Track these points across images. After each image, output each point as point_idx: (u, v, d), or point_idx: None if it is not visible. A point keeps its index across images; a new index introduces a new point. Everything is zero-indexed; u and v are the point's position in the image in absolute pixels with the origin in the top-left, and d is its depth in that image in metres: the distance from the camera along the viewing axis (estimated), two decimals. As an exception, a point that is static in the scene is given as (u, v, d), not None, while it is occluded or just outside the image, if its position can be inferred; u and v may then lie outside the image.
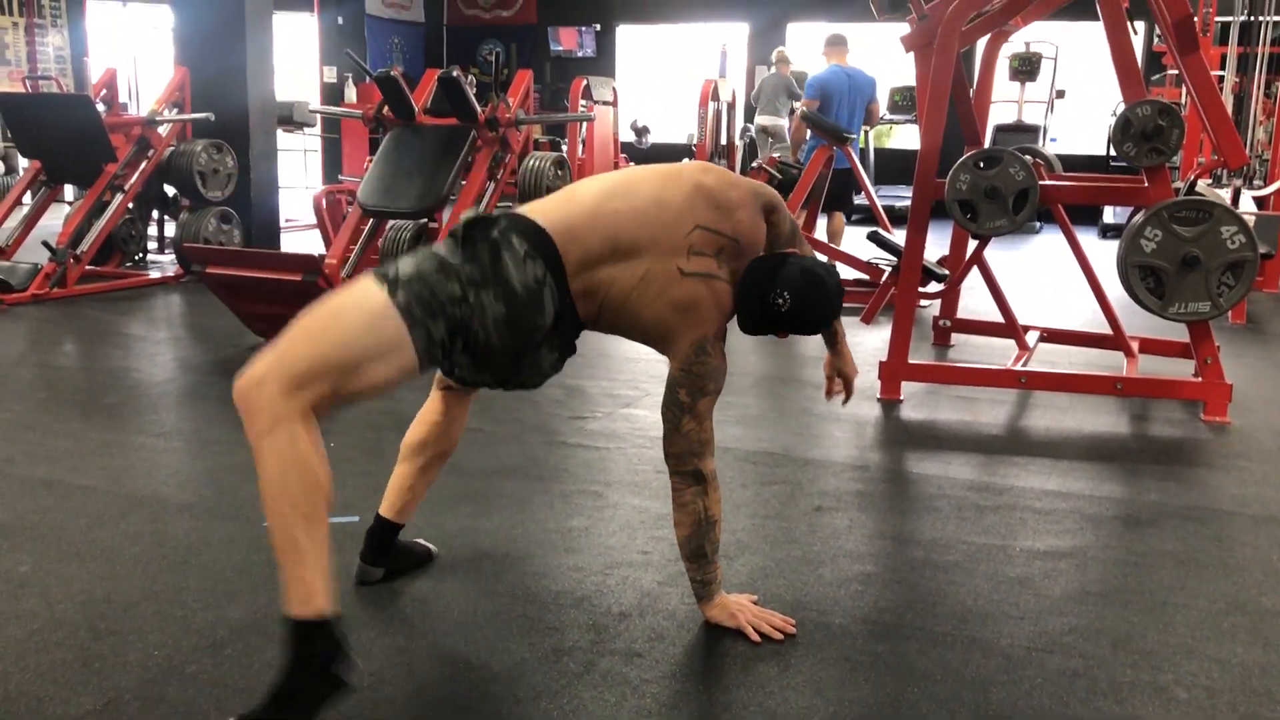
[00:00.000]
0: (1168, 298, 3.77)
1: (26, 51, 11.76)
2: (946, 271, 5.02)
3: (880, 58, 10.09)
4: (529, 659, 2.07)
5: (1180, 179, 5.98)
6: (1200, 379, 3.95)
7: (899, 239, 4.99)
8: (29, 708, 1.87)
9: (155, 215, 7.54)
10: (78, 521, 2.75)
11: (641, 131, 11.41)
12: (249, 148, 7.12)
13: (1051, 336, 4.94)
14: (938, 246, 5.66)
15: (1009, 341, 4.87)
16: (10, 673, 1.99)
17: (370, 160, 6.15)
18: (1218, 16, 8.75)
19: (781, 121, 10.35)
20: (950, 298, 5.16)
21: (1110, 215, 10.37)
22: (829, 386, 2.57)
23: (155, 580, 2.40)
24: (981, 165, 3.96)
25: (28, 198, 6.76)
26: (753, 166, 7.66)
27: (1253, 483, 3.26)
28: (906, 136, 13.57)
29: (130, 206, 6.84)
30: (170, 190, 7.14)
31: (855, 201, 8.57)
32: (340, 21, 13.81)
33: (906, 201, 5.53)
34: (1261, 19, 8.05)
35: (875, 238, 5.33)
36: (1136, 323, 4.82)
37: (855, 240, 7.64)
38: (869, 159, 10.96)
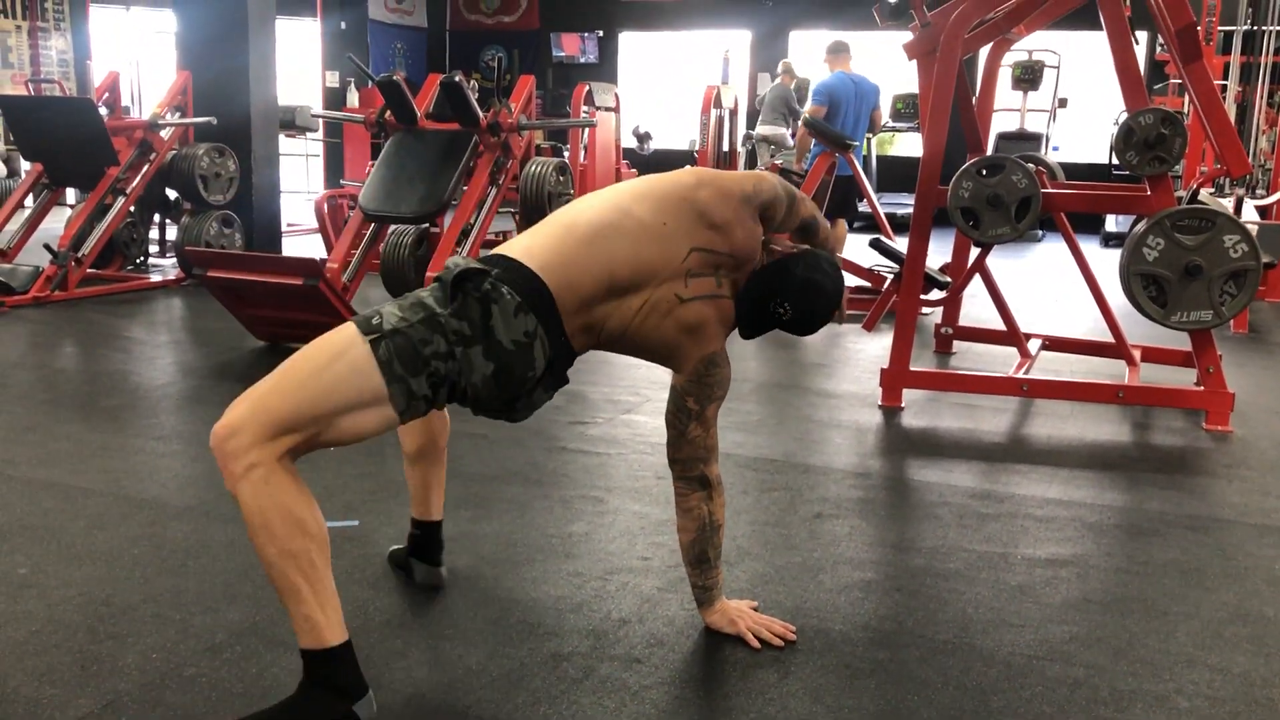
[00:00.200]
0: (1170, 306, 3.77)
1: (29, 55, 11.78)
2: (948, 279, 5.02)
3: (882, 65, 10.09)
4: (528, 664, 2.07)
5: (1182, 188, 5.99)
6: (1202, 388, 3.95)
7: (901, 246, 4.99)
8: (27, 709, 1.86)
9: (157, 219, 7.55)
10: (77, 524, 2.74)
11: (644, 138, 11.43)
12: (251, 152, 7.14)
13: (1053, 344, 4.94)
14: (940, 254, 5.67)
15: (1011, 349, 4.87)
16: (8, 674, 1.98)
17: (372, 165, 6.15)
18: (1221, 26, 8.77)
19: (783, 131, 10.36)
20: (952, 305, 5.16)
21: (1112, 224, 10.39)
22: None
23: (154, 583, 2.40)
24: (984, 173, 3.96)
25: (29, 200, 6.76)
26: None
27: (1254, 492, 3.25)
28: (908, 144, 13.58)
29: (132, 210, 6.84)
30: (172, 194, 7.15)
31: (858, 209, 8.58)
32: (343, 26, 13.84)
33: (908, 209, 5.53)
34: (1265, 28, 8.06)
35: (877, 245, 5.33)
36: (1138, 331, 4.82)
37: (857, 247, 7.65)
38: (871, 166, 10.97)
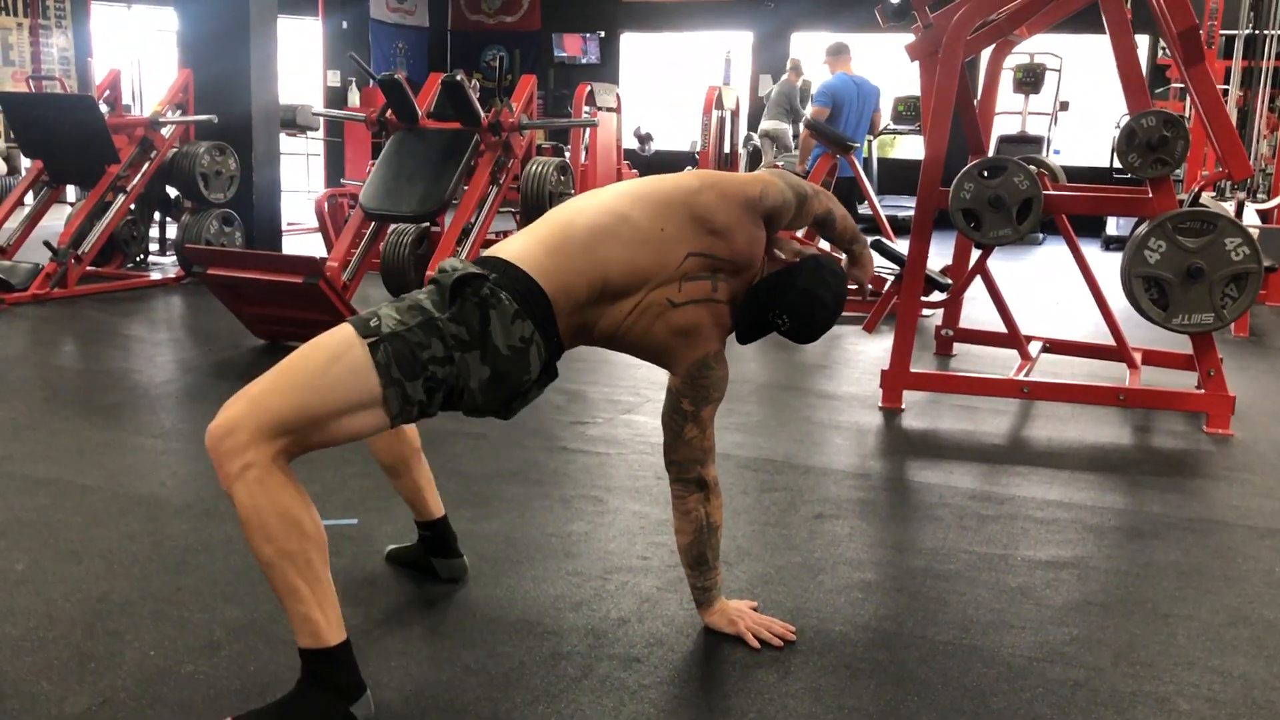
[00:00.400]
0: (1171, 309, 3.77)
1: (30, 52, 11.78)
2: (949, 281, 5.01)
3: (884, 67, 10.09)
4: (527, 663, 2.06)
5: (1184, 192, 5.98)
6: (1203, 391, 3.94)
7: (902, 248, 4.98)
8: (24, 705, 1.86)
9: (157, 217, 7.54)
10: (75, 520, 2.74)
11: (645, 139, 11.42)
12: (251, 150, 7.13)
13: (1054, 347, 4.94)
14: (940, 256, 5.67)
15: (1011, 351, 4.87)
16: (6, 670, 1.98)
17: (373, 164, 6.15)
18: (1222, 30, 8.76)
19: (785, 127, 10.38)
20: (953, 307, 5.15)
21: (1113, 227, 10.38)
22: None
23: (152, 580, 2.39)
24: (986, 174, 3.96)
25: (30, 198, 6.76)
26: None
27: (1255, 495, 3.25)
28: (909, 147, 13.59)
29: (132, 208, 6.84)
30: (172, 192, 7.15)
31: (859, 211, 8.57)
32: (344, 26, 13.84)
33: (909, 212, 5.53)
34: (1266, 33, 8.06)
35: (878, 246, 5.31)
36: (1139, 334, 4.82)
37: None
38: (872, 168, 10.97)
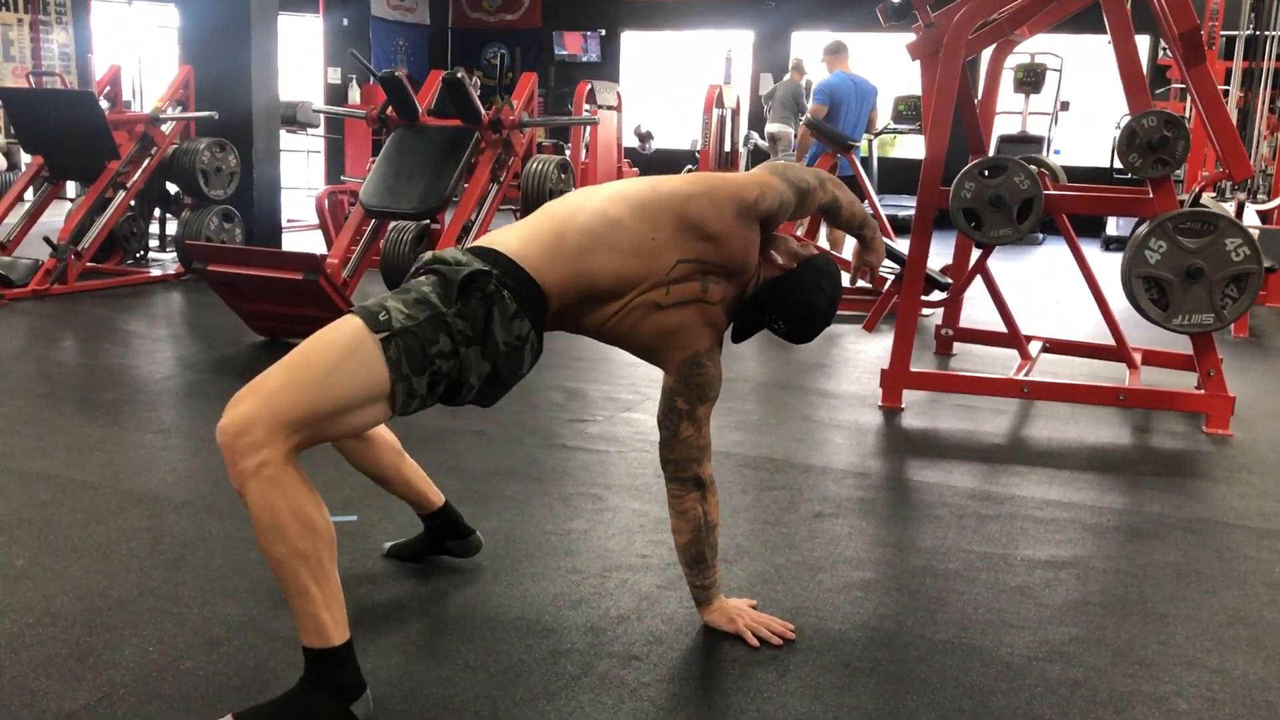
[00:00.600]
0: (1171, 309, 3.77)
1: (31, 48, 11.77)
2: (949, 280, 5.02)
3: (884, 66, 10.09)
4: (526, 661, 2.06)
5: (1184, 192, 5.98)
6: (1203, 391, 3.94)
7: (902, 247, 4.98)
8: (23, 701, 1.86)
9: (157, 213, 7.54)
10: (75, 516, 2.74)
11: (645, 137, 11.41)
12: (252, 147, 7.12)
13: (1054, 347, 4.94)
14: (941, 255, 5.67)
15: (1011, 351, 4.87)
16: (5, 666, 1.98)
17: (373, 161, 6.15)
18: (1223, 31, 8.76)
19: (790, 129, 10.36)
20: (953, 307, 5.15)
21: (1113, 227, 10.39)
22: (854, 275, 2.49)
23: (151, 576, 2.39)
24: (986, 174, 3.96)
25: (30, 193, 6.75)
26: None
27: (1254, 496, 3.25)
28: (910, 146, 13.58)
29: (132, 204, 6.83)
30: (172, 188, 7.14)
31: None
32: (345, 23, 13.83)
33: (909, 212, 5.53)
34: (1267, 34, 8.05)
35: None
36: (1139, 334, 4.82)
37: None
38: (872, 168, 10.97)
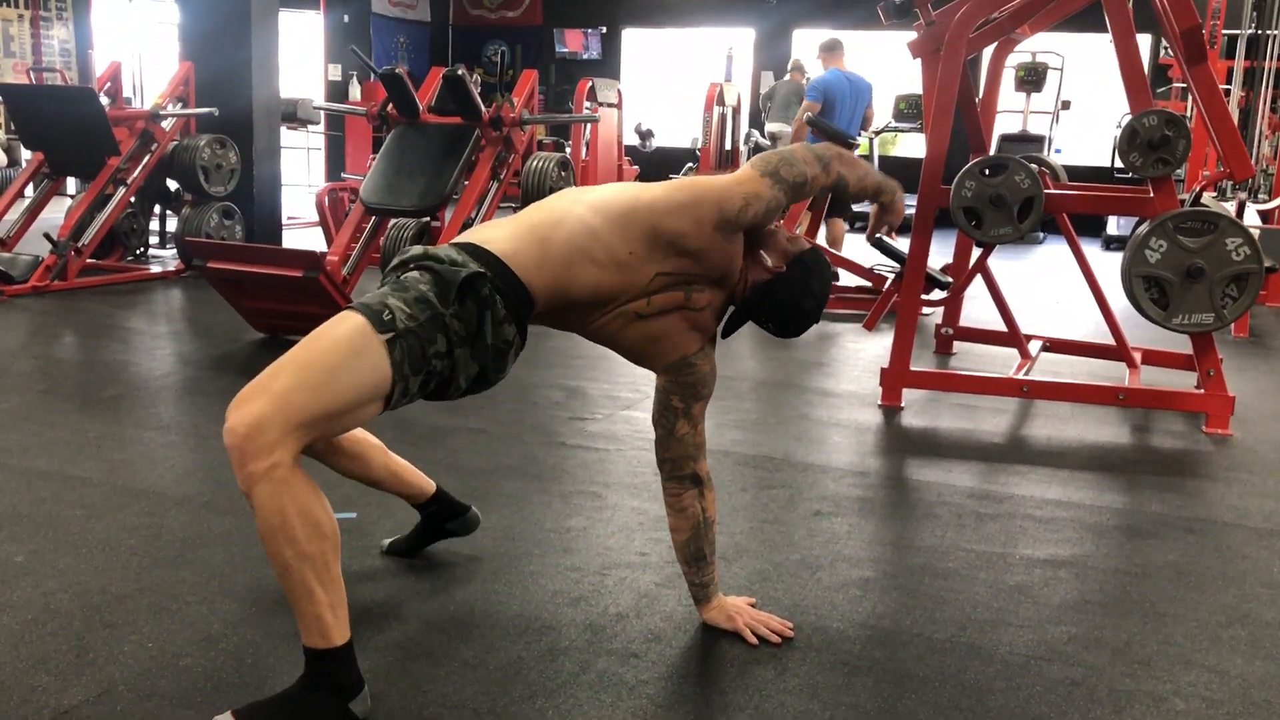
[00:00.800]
0: (1171, 308, 3.77)
1: (31, 44, 11.77)
2: (949, 279, 5.01)
3: (885, 65, 10.08)
4: (525, 658, 2.06)
5: (1185, 191, 5.98)
6: (1202, 391, 3.94)
7: (902, 246, 4.98)
8: (22, 697, 1.86)
9: (157, 209, 7.54)
10: (74, 513, 2.74)
11: (646, 135, 11.39)
12: (252, 144, 7.13)
13: (1054, 346, 4.94)
14: (941, 254, 5.67)
15: (1011, 350, 4.87)
16: (4, 662, 1.98)
17: (373, 158, 6.14)
18: (1225, 30, 8.75)
19: (789, 129, 10.34)
20: (953, 306, 5.15)
21: (1114, 226, 10.38)
22: (871, 233, 2.49)
23: (150, 573, 2.39)
24: (987, 172, 3.96)
25: (30, 190, 6.75)
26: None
27: (1253, 495, 3.25)
28: (910, 145, 13.57)
29: (132, 200, 6.83)
30: (173, 185, 7.14)
31: (857, 209, 8.55)
32: (346, 20, 13.83)
33: (910, 210, 5.50)
34: (1269, 33, 8.05)
35: (879, 244, 5.32)
36: (1139, 334, 4.82)
37: (858, 246, 7.65)
38: (873, 166, 10.95)
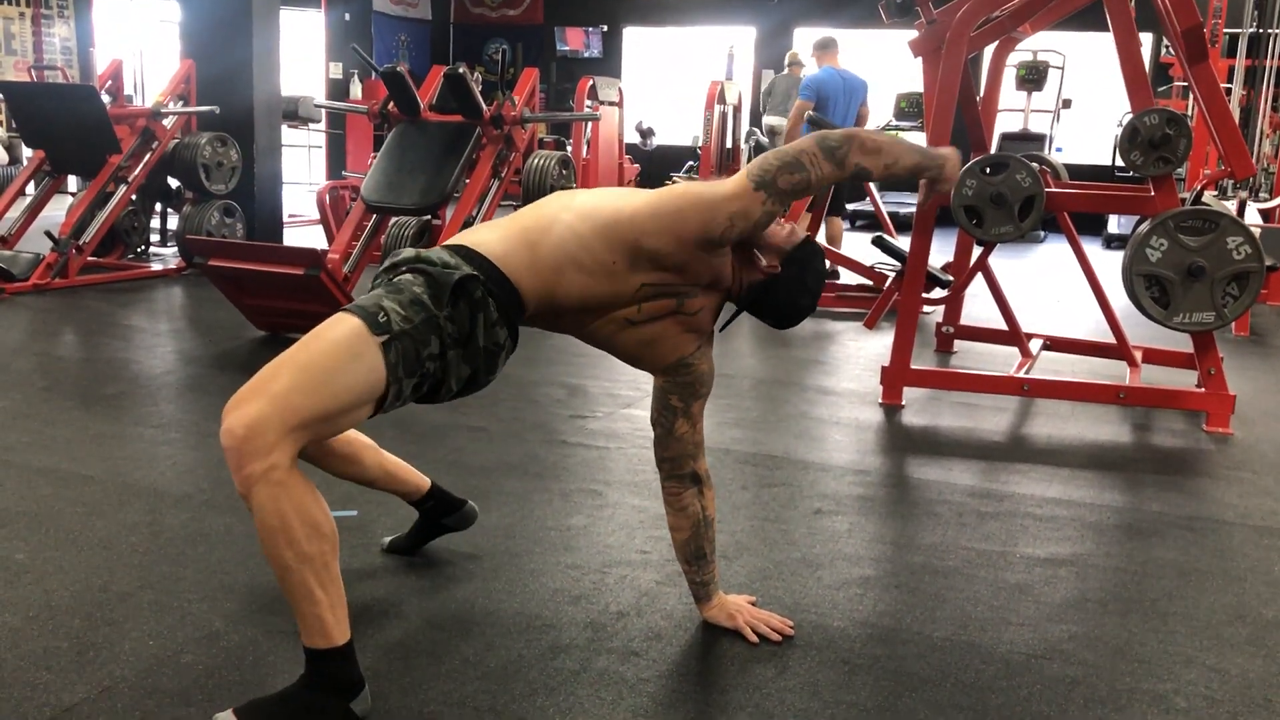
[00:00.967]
0: (1172, 307, 3.77)
1: (33, 41, 11.77)
2: (950, 277, 5.01)
3: (886, 63, 10.08)
4: (526, 656, 2.06)
5: (1186, 190, 5.98)
6: (1203, 390, 3.94)
7: (903, 244, 4.98)
8: (23, 694, 1.86)
9: (158, 207, 7.54)
10: (75, 510, 2.74)
11: (647, 133, 11.40)
12: (253, 142, 7.13)
13: (1055, 345, 4.94)
14: (942, 253, 5.66)
15: (1012, 349, 4.87)
16: (5, 659, 1.98)
17: (374, 156, 6.14)
18: (1226, 28, 8.75)
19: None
20: (954, 304, 5.15)
21: (1115, 225, 10.38)
22: (920, 201, 2.44)
23: (151, 570, 2.39)
24: (988, 171, 3.95)
25: (31, 187, 6.75)
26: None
27: (1254, 494, 3.25)
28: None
29: (133, 198, 6.84)
30: (174, 183, 7.14)
31: (861, 207, 8.54)
32: (347, 18, 13.83)
33: (911, 209, 5.53)
34: (1270, 32, 8.04)
35: (880, 243, 5.32)
36: (1140, 332, 4.82)
37: (859, 245, 7.65)
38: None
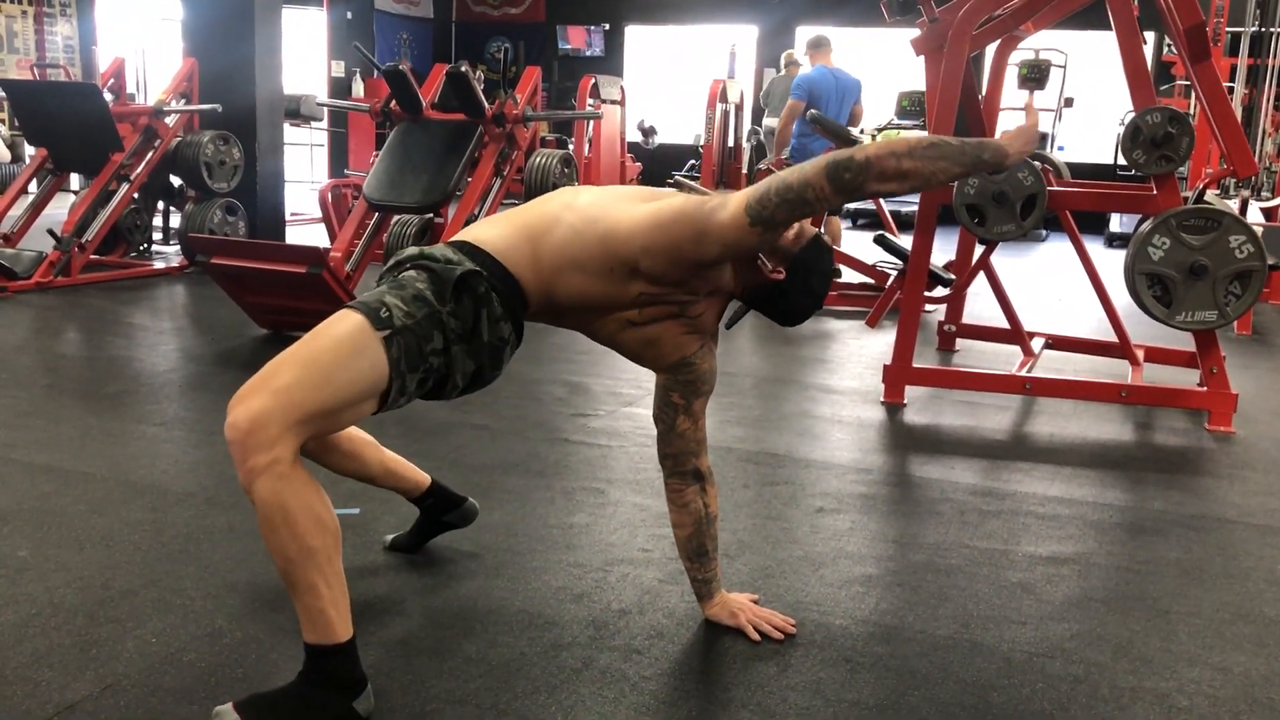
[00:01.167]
0: (1174, 306, 3.76)
1: (35, 40, 11.77)
2: (952, 276, 5.01)
3: (888, 62, 10.08)
4: (528, 654, 2.06)
5: (1188, 189, 5.97)
6: (1205, 388, 3.94)
7: (905, 243, 4.98)
8: (25, 692, 1.86)
9: (161, 206, 7.55)
10: (78, 508, 2.74)
11: (648, 132, 11.40)
12: (255, 140, 7.14)
13: (1057, 343, 4.94)
14: (944, 251, 5.66)
15: (1014, 347, 4.87)
16: (8, 657, 1.98)
17: (376, 155, 6.15)
18: (1228, 27, 8.74)
19: None
20: (956, 303, 5.15)
21: (1117, 224, 10.38)
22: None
23: (154, 568, 2.40)
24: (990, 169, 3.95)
25: (34, 185, 6.76)
26: (759, 168, 7.66)
27: (1256, 493, 3.25)
28: (913, 142, 13.54)
29: (136, 196, 6.84)
30: (176, 181, 7.14)
31: (862, 206, 8.53)
32: (349, 16, 13.82)
33: (913, 207, 5.51)
34: (1273, 30, 8.03)
35: (882, 241, 5.32)
36: (1142, 331, 4.82)
37: (861, 244, 7.64)
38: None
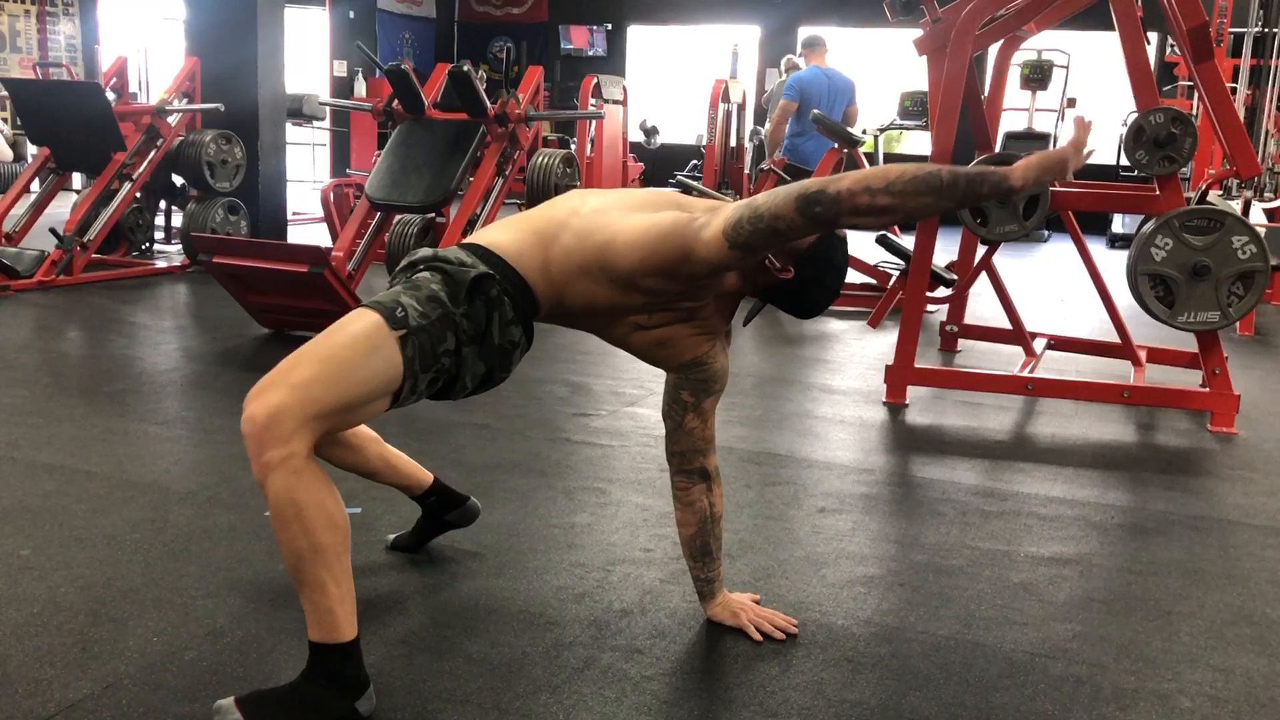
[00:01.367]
0: (1177, 306, 3.76)
1: (38, 39, 11.78)
2: (954, 276, 5.01)
3: (890, 62, 10.07)
4: (529, 653, 2.06)
5: (1191, 190, 5.97)
6: (1208, 389, 3.94)
7: (907, 243, 4.98)
8: (27, 690, 1.86)
9: (163, 205, 7.55)
10: (80, 507, 2.74)
11: (651, 132, 11.40)
12: (258, 139, 7.14)
13: (1059, 344, 4.93)
14: (946, 252, 5.66)
15: (1016, 348, 4.87)
16: (9, 655, 1.98)
17: (379, 154, 6.15)
18: (1232, 28, 8.73)
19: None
20: (958, 303, 5.15)
21: (1119, 225, 10.38)
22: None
23: (155, 567, 2.40)
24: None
25: (36, 184, 6.76)
26: (761, 169, 7.66)
27: (1259, 494, 3.24)
28: (916, 142, 13.55)
29: (138, 195, 6.85)
30: (178, 180, 7.15)
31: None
32: (351, 16, 13.83)
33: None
34: (1276, 31, 8.02)
35: (883, 241, 5.32)
36: (1144, 331, 4.82)
37: (863, 244, 7.64)
38: (878, 164, 10.94)
